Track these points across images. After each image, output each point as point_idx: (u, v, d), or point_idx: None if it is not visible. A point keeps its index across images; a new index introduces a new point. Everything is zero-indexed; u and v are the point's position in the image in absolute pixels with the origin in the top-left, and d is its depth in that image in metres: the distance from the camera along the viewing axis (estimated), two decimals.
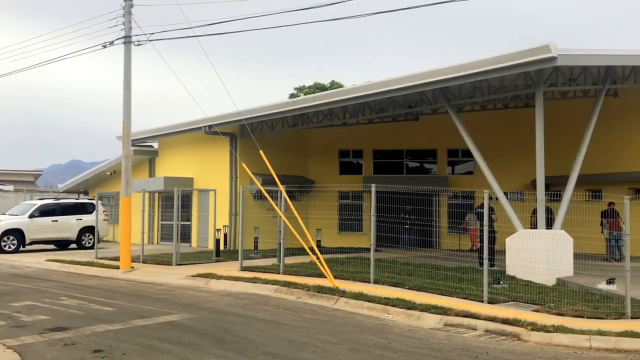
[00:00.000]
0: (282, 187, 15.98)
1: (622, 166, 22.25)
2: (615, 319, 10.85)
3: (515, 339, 9.87)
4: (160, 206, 28.24)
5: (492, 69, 15.25)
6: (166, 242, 26.76)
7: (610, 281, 13.39)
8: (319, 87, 49.32)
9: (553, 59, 14.02)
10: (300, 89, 50.47)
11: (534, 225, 16.51)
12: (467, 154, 23.79)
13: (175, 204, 19.53)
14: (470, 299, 12.50)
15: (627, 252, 11.63)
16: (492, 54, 15.44)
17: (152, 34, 18.39)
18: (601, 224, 19.89)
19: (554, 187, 20.05)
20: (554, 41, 13.86)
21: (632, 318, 10.87)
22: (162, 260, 19.64)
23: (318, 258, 14.39)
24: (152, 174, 29.14)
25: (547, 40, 15.20)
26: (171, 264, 18.84)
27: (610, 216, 19.62)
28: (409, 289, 13.73)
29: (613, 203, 19.32)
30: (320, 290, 13.50)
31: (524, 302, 12.34)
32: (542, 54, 14.06)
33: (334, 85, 48.56)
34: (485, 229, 12.94)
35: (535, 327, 10.05)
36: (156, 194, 27.99)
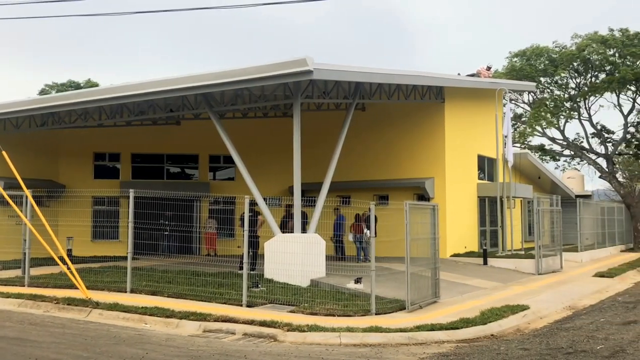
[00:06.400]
0: (28, 192, 14.67)
1: (368, 174, 24.29)
2: (362, 315, 11.79)
3: (273, 340, 10.18)
4: None
5: (252, 78, 15.60)
6: None
7: (357, 280, 14.51)
8: (73, 85, 46.41)
9: (309, 72, 14.77)
10: (52, 86, 47.00)
11: (290, 230, 17.24)
12: (229, 160, 24.08)
13: None
14: (230, 304, 12.67)
15: (372, 253, 12.70)
16: (253, 63, 15.80)
17: None
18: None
19: (309, 193, 21.19)
20: (311, 55, 14.60)
21: (376, 314, 11.91)
22: None
23: (69, 268, 13.49)
24: None
25: (304, 54, 15.94)
26: None
27: (357, 220, 21.26)
28: (168, 296, 13.50)
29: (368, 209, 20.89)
30: (71, 302, 12.64)
31: (281, 304, 12.83)
32: (300, 67, 14.73)
33: (90, 84, 46.07)
34: (246, 234, 13.20)
35: (291, 327, 10.49)
36: None
